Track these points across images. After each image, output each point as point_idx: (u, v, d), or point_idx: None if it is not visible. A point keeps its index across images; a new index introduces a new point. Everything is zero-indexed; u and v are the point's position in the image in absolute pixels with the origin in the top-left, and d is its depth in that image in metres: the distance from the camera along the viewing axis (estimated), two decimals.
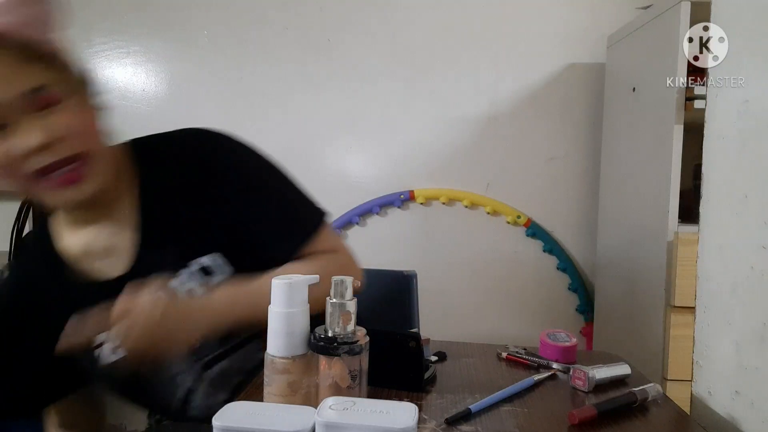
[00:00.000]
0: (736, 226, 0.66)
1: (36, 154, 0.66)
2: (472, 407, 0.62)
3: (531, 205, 1.86)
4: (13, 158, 0.66)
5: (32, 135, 0.65)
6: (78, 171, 0.70)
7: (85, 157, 0.71)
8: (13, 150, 0.66)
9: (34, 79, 0.66)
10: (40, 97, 0.67)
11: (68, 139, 0.68)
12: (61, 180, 0.69)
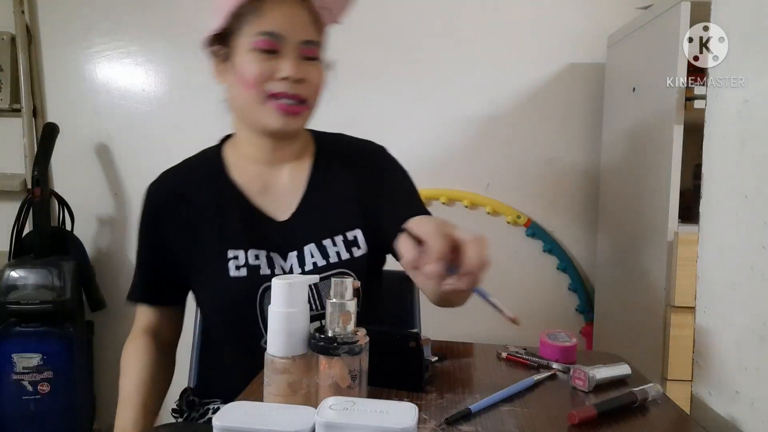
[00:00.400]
0: (736, 226, 0.66)
1: (287, 81, 0.86)
2: (473, 407, 0.62)
3: (531, 205, 1.86)
4: (272, 75, 0.86)
5: (295, 68, 0.86)
6: (298, 108, 0.89)
7: (308, 104, 0.90)
8: (277, 70, 0.86)
9: (313, 34, 0.90)
10: (310, 49, 0.89)
11: (309, 86, 0.89)
12: (284, 107, 0.87)
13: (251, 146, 0.96)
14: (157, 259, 0.96)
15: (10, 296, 1.66)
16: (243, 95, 0.89)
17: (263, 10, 0.87)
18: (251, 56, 0.87)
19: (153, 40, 1.90)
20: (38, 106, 1.92)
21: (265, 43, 0.86)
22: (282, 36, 0.86)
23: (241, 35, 0.89)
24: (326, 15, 0.93)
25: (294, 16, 0.88)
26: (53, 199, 1.86)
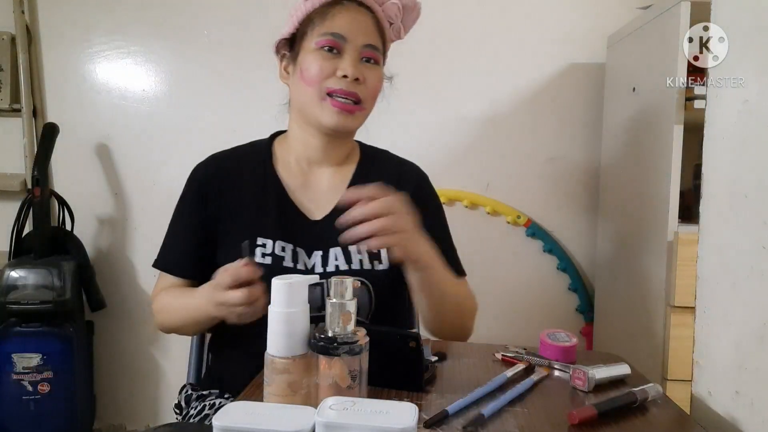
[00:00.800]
0: (736, 226, 0.66)
1: (346, 80, 0.93)
2: (449, 408, 0.62)
3: (531, 205, 1.86)
4: (332, 72, 0.93)
5: (353, 68, 0.93)
6: (353, 108, 0.95)
7: (363, 105, 0.97)
8: (339, 68, 0.93)
9: (374, 40, 0.97)
10: (370, 52, 0.96)
11: (366, 87, 0.96)
12: (339, 104, 0.94)
13: (301, 144, 1.02)
14: (194, 230, 1.00)
15: (10, 296, 1.66)
16: (304, 92, 0.96)
17: (330, 14, 0.95)
18: (315, 55, 0.94)
19: (153, 40, 1.90)
20: (38, 106, 1.92)
21: (328, 42, 0.94)
22: (344, 37, 0.94)
23: (308, 37, 0.96)
24: (390, 29, 1.02)
25: (358, 21, 0.96)
26: (53, 199, 1.86)
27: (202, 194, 1.00)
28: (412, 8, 1.03)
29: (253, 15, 1.87)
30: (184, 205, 1.03)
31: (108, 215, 1.95)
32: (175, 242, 1.02)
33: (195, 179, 1.03)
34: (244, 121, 1.89)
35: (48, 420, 1.70)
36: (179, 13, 1.88)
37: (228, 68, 1.89)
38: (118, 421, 1.98)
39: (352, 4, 0.97)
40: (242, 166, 1.03)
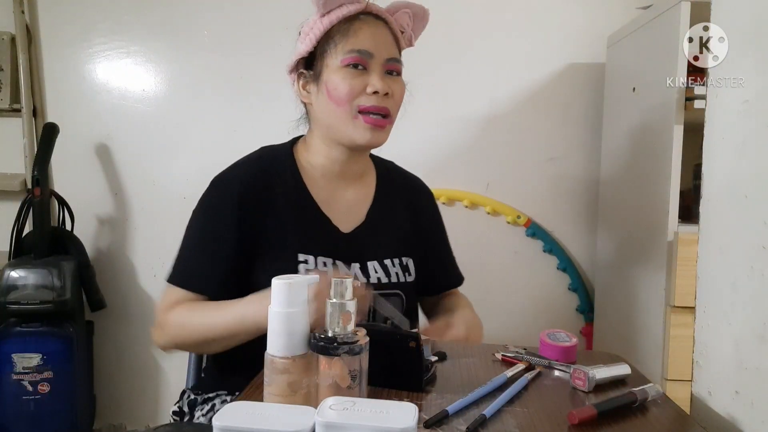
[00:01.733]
0: (736, 226, 0.66)
1: (375, 96, 0.94)
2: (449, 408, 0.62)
3: (531, 205, 1.86)
4: (362, 90, 0.94)
5: (382, 83, 0.94)
6: (383, 122, 0.96)
7: (390, 119, 0.98)
8: (369, 84, 0.94)
9: (395, 52, 0.99)
10: (394, 65, 0.98)
11: (394, 100, 0.97)
12: (372, 121, 0.94)
13: (325, 158, 1.02)
14: (229, 246, 0.94)
15: (10, 296, 1.66)
16: (333, 111, 0.95)
17: (352, 30, 0.95)
18: (342, 73, 0.94)
19: (153, 40, 1.90)
20: (38, 106, 1.92)
21: (355, 59, 0.94)
22: (370, 52, 0.94)
23: (331, 55, 0.96)
24: (402, 38, 1.03)
25: (379, 35, 0.97)
26: (53, 199, 1.86)
27: (239, 209, 0.95)
28: (421, 16, 1.05)
29: (253, 15, 1.87)
30: (214, 219, 0.97)
31: (108, 215, 1.95)
32: (202, 258, 0.96)
33: (230, 192, 0.97)
34: (244, 121, 1.89)
35: (48, 420, 1.70)
36: (179, 13, 1.88)
37: (228, 68, 1.89)
38: (118, 421, 1.98)
39: (370, 18, 0.97)
40: (273, 180, 1.00)
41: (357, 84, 0.93)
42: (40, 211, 1.74)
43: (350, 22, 0.96)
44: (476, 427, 0.59)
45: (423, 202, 1.15)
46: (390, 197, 1.09)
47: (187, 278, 0.94)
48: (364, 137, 0.95)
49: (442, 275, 1.16)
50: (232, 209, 0.95)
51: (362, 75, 0.94)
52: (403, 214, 1.10)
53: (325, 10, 0.95)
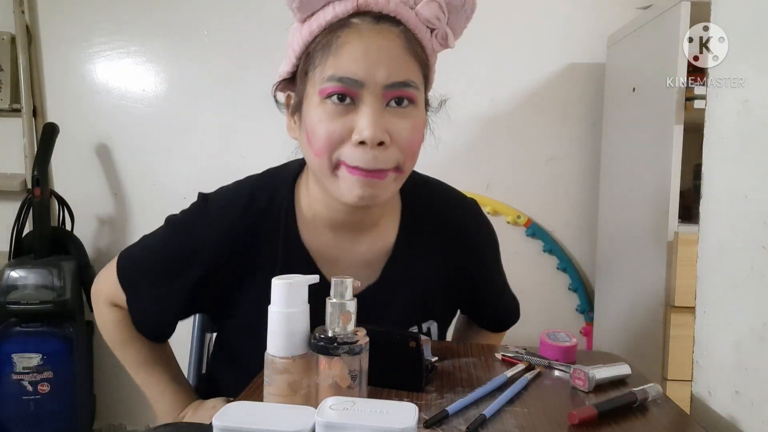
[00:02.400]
0: (736, 226, 0.66)
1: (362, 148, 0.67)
2: (449, 408, 0.62)
3: (531, 205, 1.86)
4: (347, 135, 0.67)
5: (376, 128, 0.66)
6: (381, 175, 0.69)
7: (400, 168, 0.72)
8: (355, 128, 0.67)
9: (406, 71, 0.69)
10: (401, 91, 0.68)
11: (399, 146, 0.69)
12: (362, 173, 0.68)
13: (325, 208, 0.78)
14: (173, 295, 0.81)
15: (10, 296, 1.66)
16: (312, 160, 0.72)
17: (335, 45, 0.67)
18: (320, 110, 0.68)
19: (153, 40, 1.90)
20: (38, 106, 1.92)
21: (335, 89, 0.67)
22: (357, 80, 0.66)
23: (310, 81, 0.70)
24: (432, 40, 0.72)
25: (377, 48, 0.67)
26: (53, 199, 1.86)
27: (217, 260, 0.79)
28: (462, 3, 0.71)
29: (253, 15, 1.87)
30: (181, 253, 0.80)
31: (108, 215, 1.95)
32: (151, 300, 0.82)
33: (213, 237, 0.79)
34: (243, 121, 1.89)
35: (48, 420, 1.70)
36: (179, 12, 1.89)
37: (228, 68, 1.89)
38: (118, 421, 1.98)
39: (366, 22, 0.68)
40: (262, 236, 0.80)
41: (338, 128, 0.67)
42: (40, 211, 1.74)
43: (334, 32, 0.68)
44: (476, 427, 0.59)
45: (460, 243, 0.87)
46: (416, 245, 0.84)
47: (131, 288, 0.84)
48: (352, 194, 0.69)
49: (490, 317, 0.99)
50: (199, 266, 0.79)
51: (349, 113, 0.67)
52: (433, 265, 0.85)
53: (303, 14, 0.69)
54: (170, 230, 0.84)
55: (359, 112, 0.67)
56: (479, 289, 0.92)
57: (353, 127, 0.67)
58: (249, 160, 1.89)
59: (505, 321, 1.00)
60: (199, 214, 0.82)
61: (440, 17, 0.71)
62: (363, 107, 0.67)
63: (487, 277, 0.94)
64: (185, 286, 0.80)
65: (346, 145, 0.68)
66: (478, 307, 0.96)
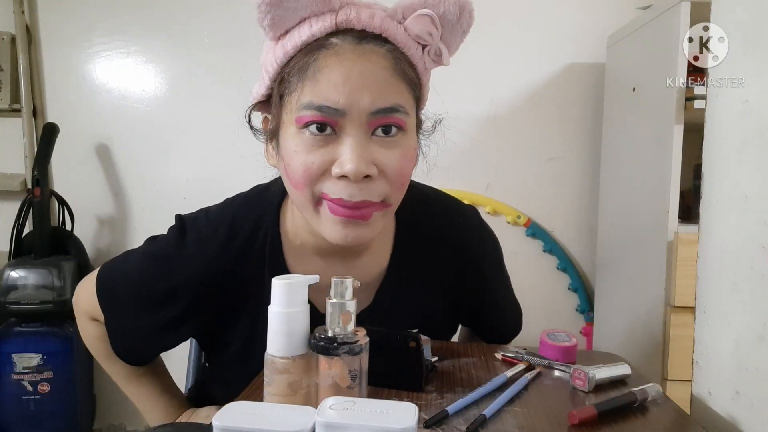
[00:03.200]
0: (736, 226, 0.66)
1: (345, 182, 0.61)
2: (449, 408, 0.62)
3: (531, 205, 1.86)
4: (327, 168, 0.61)
5: (359, 162, 0.60)
6: (367, 213, 0.63)
7: (386, 202, 0.65)
8: (336, 161, 0.60)
9: (393, 95, 0.62)
10: (387, 118, 0.62)
11: (386, 178, 0.63)
12: (344, 214, 0.62)
13: (312, 236, 0.73)
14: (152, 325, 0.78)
15: (10, 296, 1.66)
16: (292, 193, 0.67)
17: (312, 68, 0.60)
18: (297, 141, 0.62)
19: (153, 40, 1.91)
20: (38, 106, 1.92)
21: (316, 119, 0.61)
22: (337, 109, 0.60)
23: (286, 107, 0.64)
24: (424, 57, 0.67)
25: (360, 72, 0.60)
26: (53, 199, 1.86)
27: (195, 298, 0.75)
28: (456, 16, 0.64)
29: (253, 15, 1.87)
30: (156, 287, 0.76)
31: (108, 215, 1.95)
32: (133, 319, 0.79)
33: (189, 275, 0.75)
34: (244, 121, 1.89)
35: (48, 420, 1.70)
36: (179, 12, 1.89)
37: (228, 68, 1.89)
38: (118, 421, 1.98)
39: (348, 42, 0.61)
40: (244, 268, 0.75)
41: (317, 160, 0.61)
42: (40, 211, 1.74)
43: (311, 54, 0.61)
44: (476, 427, 0.59)
45: (458, 257, 0.83)
46: (412, 266, 0.79)
47: (110, 312, 0.81)
48: (337, 235, 0.64)
49: (490, 329, 0.95)
50: (175, 305, 0.76)
51: (327, 143, 0.61)
52: (430, 282, 0.81)
53: (276, 32, 0.62)
54: (147, 263, 0.79)
55: (341, 142, 0.61)
56: (480, 303, 0.88)
57: (334, 158, 0.61)
58: (249, 160, 1.88)
59: (505, 334, 0.96)
60: (176, 249, 0.76)
61: (433, 33, 0.65)
62: (345, 138, 0.61)
63: (489, 290, 0.89)
64: (162, 323, 0.77)
65: (326, 180, 0.62)
66: (479, 320, 0.92)
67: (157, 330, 0.78)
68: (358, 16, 0.61)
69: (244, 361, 0.64)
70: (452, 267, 0.82)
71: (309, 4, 0.60)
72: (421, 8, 0.63)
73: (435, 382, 0.72)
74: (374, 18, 0.62)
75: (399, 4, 0.64)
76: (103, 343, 0.84)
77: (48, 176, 1.85)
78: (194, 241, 0.75)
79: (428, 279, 0.81)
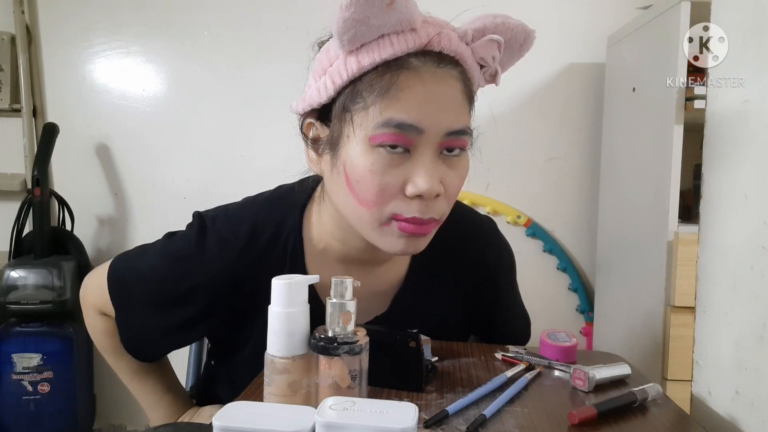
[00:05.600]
0: (736, 226, 0.66)
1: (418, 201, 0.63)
2: (449, 408, 0.62)
3: (531, 205, 1.86)
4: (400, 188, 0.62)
5: (432, 182, 0.61)
6: (425, 230, 0.65)
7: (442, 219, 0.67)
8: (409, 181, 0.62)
9: (464, 116, 0.65)
10: (457, 140, 0.64)
11: (447, 196, 0.65)
12: (410, 229, 0.64)
13: (341, 244, 0.74)
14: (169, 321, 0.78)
15: (10, 296, 1.66)
16: (353, 209, 0.66)
17: (395, 88, 0.61)
18: (371, 157, 0.62)
19: (153, 40, 1.90)
20: (38, 106, 1.92)
21: (394, 138, 0.61)
22: (419, 128, 0.61)
23: (356, 121, 0.63)
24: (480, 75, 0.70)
25: (439, 95, 0.62)
26: (53, 199, 1.86)
27: (214, 299, 0.75)
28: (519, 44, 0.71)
29: (253, 15, 1.87)
30: (174, 286, 0.76)
31: (108, 215, 1.95)
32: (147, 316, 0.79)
33: (208, 276, 0.74)
34: (243, 121, 1.89)
35: (48, 420, 1.70)
36: (179, 13, 1.89)
37: (228, 68, 1.89)
38: (118, 421, 1.98)
39: (428, 65, 0.62)
40: (265, 269, 0.72)
41: (392, 181, 0.62)
42: (40, 211, 1.74)
43: (393, 72, 0.61)
44: (476, 427, 0.59)
45: (474, 266, 0.84)
46: (429, 276, 0.81)
47: (120, 307, 0.81)
48: (395, 247, 0.66)
49: (498, 341, 0.91)
50: (193, 305, 0.76)
51: (402, 164, 0.62)
52: (445, 288, 0.83)
53: (352, 46, 0.61)
54: (165, 262, 0.78)
55: (415, 162, 0.62)
56: (492, 314, 0.90)
57: (407, 178, 0.62)
58: (249, 160, 1.89)
59: (515, 344, 0.95)
60: (196, 249, 0.75)
61: (495, 57, 0.69)
62: (419, 157, 0.62)
63: (502, 301, 0.91)
64: (176, 322, 0.77)
65: (398, 200, 0.63)
66: (489, 330, 0.93)
67: (171, 329, 0.78)
68: (439, 39, 0.63)
69: (254, 365, 0.63)
70: (468, 278, 0.83)
71: (394, 24, 0.60)
72: (491, 33, 0.66)
73: (435, 382, 0.72)
74: (451, 42, 0.64)
75: (470, 26, 0.67)
76: (110, 338, 0.85)
77: (48, 176, 1.85)
78: (215, 243, 0.75)
79: (444, 288, 0.82)
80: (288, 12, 1.86)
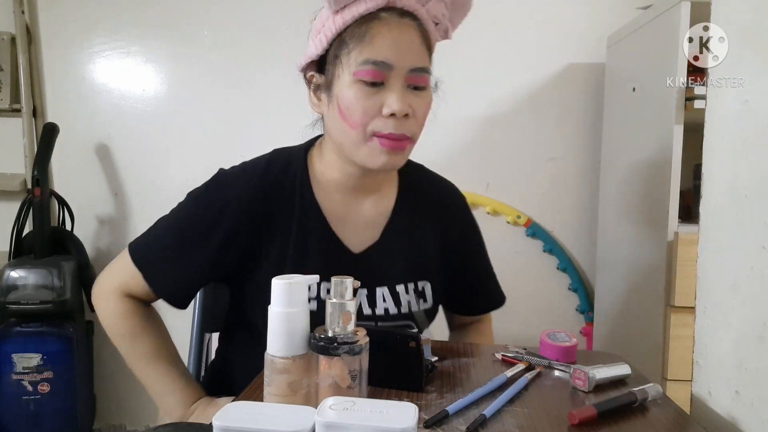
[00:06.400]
0: (736, 226, 0.66)
1: (392, 119, 0.80)
2: (449, 408, 0.62)
3: (531, 205, 1.86)
4: (378, 111, 0.80)
5: (402, 102, 0.79)
6: (402, 145, 0.83)
7: (413, 138, 0.85)
8: (384, 104, 0.80)
9: (423, 59, 0.83)
10: (419, 77, 0.82)
11: (416, 119, 0.83)
12: (389, 144, 0.81)
13: (339, 172, 0.90)
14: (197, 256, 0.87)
15: (10, 296, 1.66)
16: (345, 131, 0.83)
17: (369, 35, 0.79)
18: (355, 90, 0.80)
19: (153, 40, 1.90)
20: (38, 106, 1.92)
21: (371, 74, 0.79)
22: (389, 64, 0.79)
23: (343, 63, 0.81)
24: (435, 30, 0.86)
25: (403, 39, 0.80)
26: (53, 199, 1.86)
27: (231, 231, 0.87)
28: (461, 3, 0.86)
29: (253, 15, 1.87)
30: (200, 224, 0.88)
31: (108, 215, 1.95)
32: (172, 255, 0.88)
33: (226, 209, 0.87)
34: (244, 121, 1.89)
35: (48, 420, 1.70)
36: (179, 13, 1.89)
37: (228, 68, 1.89)
38: (118, 421, 1.98)
39: (393, 16, 0.81)
40: (279, 196, 0.90)
41: (371, 105, 0.80)
42: (40, 211, 1.74)
43: (367, 23, 0.80)
44: (476, 427, 0.59)
45: (454, 216, 1.01)
46: (412, 212, 0.96)
47: (149, 265, 0.88)
48: (378, 161, 0.82)
49: (480, 296, 1.07)
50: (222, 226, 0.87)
51: (378, 92, 0.80)
52: (428, 231, 0.97)
53: (337, 6, 0.80)
54: (192, 201, 0.92)
55: (388, 91, 0.80)
56: (468, 261, 1.03)
57: (383, 103, 0.80)
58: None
59: (490, 302, 1.07)
60: (221, 179, 0.92)
61: (444, 14, 0.85)
62: (391, 87, 0.80)
63: (476, 253, 1.05)
64: (210, 247, 0.87)
65: (377, 119, 0.80)
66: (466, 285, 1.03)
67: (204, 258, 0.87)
68: None
69: None
70: (445, 218, 0.99)
71: None
72: None
73: (435, 382, 0.72)
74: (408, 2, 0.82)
75: None
76: (129, 319, 0.90)
77: (48, 176, 1.85)
78: (236, 173, 0.92)
79: (425, 222, 0.97)
80: (288, 11, 1.86)
